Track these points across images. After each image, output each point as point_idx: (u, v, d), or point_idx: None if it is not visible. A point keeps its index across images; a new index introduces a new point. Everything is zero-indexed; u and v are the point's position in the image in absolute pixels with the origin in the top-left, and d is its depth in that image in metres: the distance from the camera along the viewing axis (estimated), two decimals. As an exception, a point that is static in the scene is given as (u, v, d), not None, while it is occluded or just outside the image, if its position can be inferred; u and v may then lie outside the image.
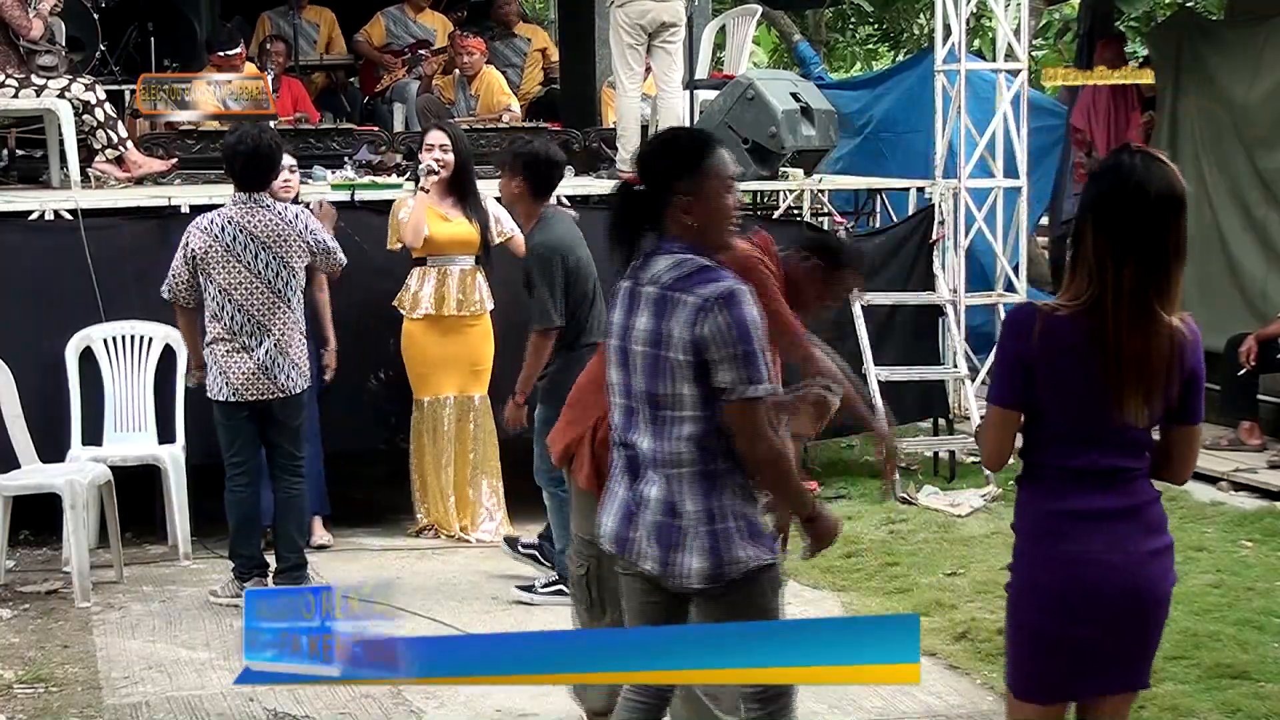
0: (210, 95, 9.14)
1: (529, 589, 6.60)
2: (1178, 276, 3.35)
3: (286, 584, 6.45)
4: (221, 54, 9.99)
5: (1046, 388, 3.35)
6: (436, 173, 7.30)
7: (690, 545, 3.66)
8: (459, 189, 7.40)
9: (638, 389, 3.71)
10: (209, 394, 6.48)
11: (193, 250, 6.38)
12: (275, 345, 6.38)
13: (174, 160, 8.63)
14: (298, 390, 6.49)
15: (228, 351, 6.37)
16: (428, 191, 7.32)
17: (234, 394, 6.39)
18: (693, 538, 3.65)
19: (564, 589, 6.46)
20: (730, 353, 3.59)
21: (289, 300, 6.45)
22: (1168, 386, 3.33)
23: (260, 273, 6.37)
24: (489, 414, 7.48)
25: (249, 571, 6.51)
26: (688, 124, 9.07)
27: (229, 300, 6.36)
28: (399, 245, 7.49)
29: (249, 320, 6.36)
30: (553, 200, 6.60)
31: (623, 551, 3.81)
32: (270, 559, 6.63)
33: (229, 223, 6.38)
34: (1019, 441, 3.49)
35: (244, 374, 6.37)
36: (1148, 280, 3.28)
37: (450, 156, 7.34)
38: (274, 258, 6.39)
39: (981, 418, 3.55)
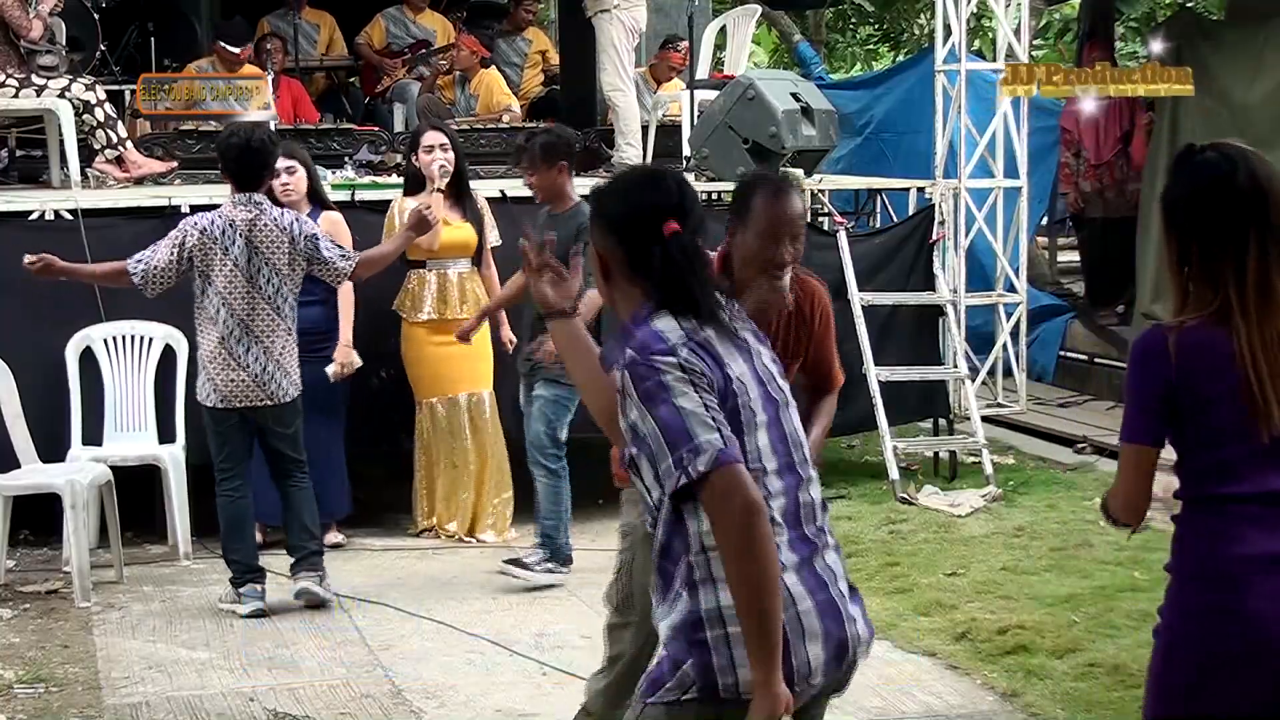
0: (210, 95, 9.14)
1: (517, 563, 6.70)
2: None
3: (304, 572, 6.42)
4: (225, 47, 9.85)
5: (1195, 410, 2.95)
6: (450, 173, 7.26)
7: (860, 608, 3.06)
8: (456, 190, 7.37)
9: (799, 434, 3.08)
10: (198, 398, 6.41)
11: (189, 249, 6.25)
12: (265, 353, 6.27)
13: (174, 162, 8.64)
14: (288, 398, 6.37)
15: (219, 362, 6.26)
16: (442, 191, 7.26)
17: (221, 400, 6.30)
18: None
19: (553, 566, 6.71)
20: None
21: (279, 308, 6.31)
22: None
23: (253, 277, 6.25)
24: (494, 413, 7.48)
25: (242, 577, 6.39)
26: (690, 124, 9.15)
27: (224, 305, 6.24)
28: None
29: (240, 326, 6.25)
30: None
31: (841, 664, 2.95)
32: (262, 562, 6.54)
33: (228, 225, 6.26)
34: (1164, 483, 3.04)
35: (233, 384, 6.27)
36: (1270, 269, 2.94)
37: (451, 155, 7.30)
38: (265, 262, 6.26)
39: (1128, 461, 3.05)
